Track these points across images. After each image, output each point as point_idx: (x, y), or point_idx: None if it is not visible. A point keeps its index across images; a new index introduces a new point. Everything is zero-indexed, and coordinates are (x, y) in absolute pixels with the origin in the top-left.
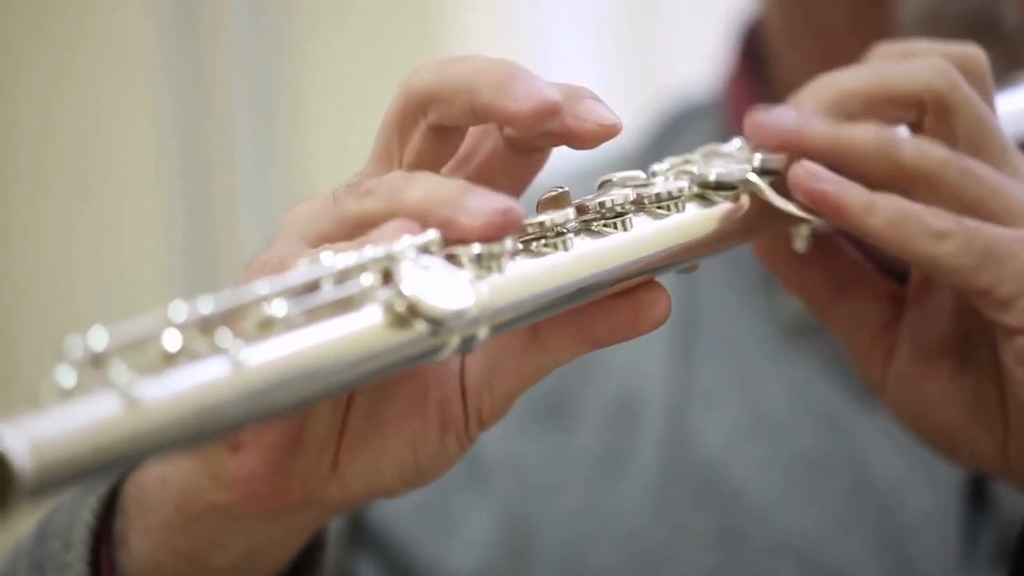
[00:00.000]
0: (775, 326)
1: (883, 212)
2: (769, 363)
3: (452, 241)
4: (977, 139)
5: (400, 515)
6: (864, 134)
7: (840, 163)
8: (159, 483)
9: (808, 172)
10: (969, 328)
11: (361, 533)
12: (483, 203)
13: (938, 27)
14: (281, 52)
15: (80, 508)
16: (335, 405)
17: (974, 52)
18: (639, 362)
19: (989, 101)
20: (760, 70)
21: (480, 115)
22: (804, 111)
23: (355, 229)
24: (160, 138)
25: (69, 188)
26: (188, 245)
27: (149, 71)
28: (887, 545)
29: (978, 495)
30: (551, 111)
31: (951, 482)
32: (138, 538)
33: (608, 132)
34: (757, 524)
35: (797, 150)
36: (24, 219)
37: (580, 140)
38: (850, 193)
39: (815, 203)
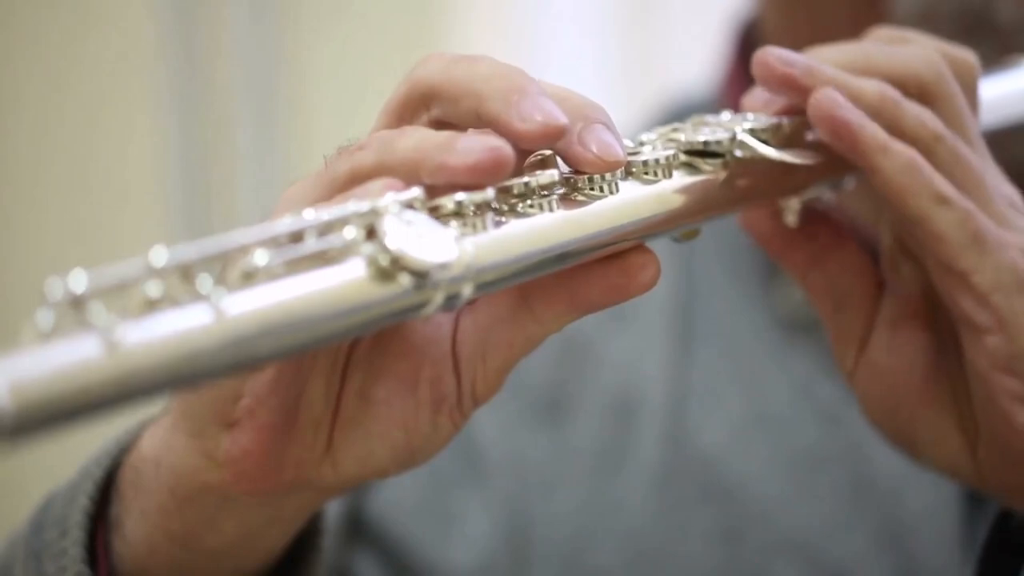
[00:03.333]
0: (774, 322)
1: (897, 157)
2: (769, 359)
3: (441, 190)
4: (953, 134)
5: (399, 511)
6: (871, 87)
7: None
8: (154, 466)
9: (832, 99)
10: (940, 329)
11: (360, 529)
12: (474, 143)
13: (933, 25)
14: (281, 52)
15: (76, 495)
16: (328, 386)
17: (968, 56)
18: (637, 357)
19: (973, 107)
20: None
21: (484, 123)
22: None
23: (346, 187)
24: (160, 138)
25: (69, 188)
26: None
27: (149, 71)
28: (888, 541)
29: (977, 492)
30: (557, 134)
31: (937, 474)
32: (133, 521)
33: (608, 166)
34: (758, 520)
35: (801, 92)
36: (25, 217)
37: (578, 165)
38: (870, 129)
39: (834, 131)
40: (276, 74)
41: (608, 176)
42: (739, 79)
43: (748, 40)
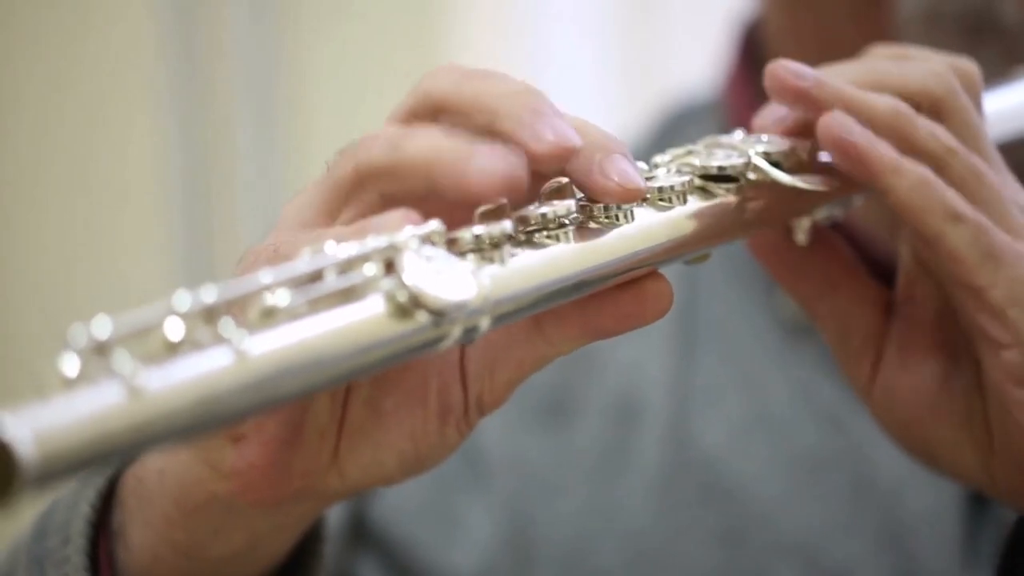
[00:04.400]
0: (775, 324)
1: (909, 175)
2: (770, 361)
3: (455, 224)
4: (968, 148)
5: (402, 515)
6: (883, 102)
7: None
8: (158, 475)
9: (840, 122)
10: (955, 342)
11: (363, 533)
12: (491, 163)
13: (937, 26)
14: (281, 52)
15: (78, 502)
16: (334, 396)
17: (968, 65)
18: (640, 360)
19: (980, 114)
20: (760, 70)
21: (498, 138)
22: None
23: (352, 191)
24: (160, 138)
25: (69, 188)
26: (188, 246)
27: (149, 71)
28: (889, 543)
29: (980, 494)
30: (568, 155)
31: (953, 481)
32: (137, 531)
33: (629, 196)
34: (759, 522)
35: (813, 105)
36: (25, 217)
37: (599, 195)
38: (880, 149)
39: (844, 153)
40: (276, 74)
41: (624, 204)
42: (742, 81)
43: (751, 41)
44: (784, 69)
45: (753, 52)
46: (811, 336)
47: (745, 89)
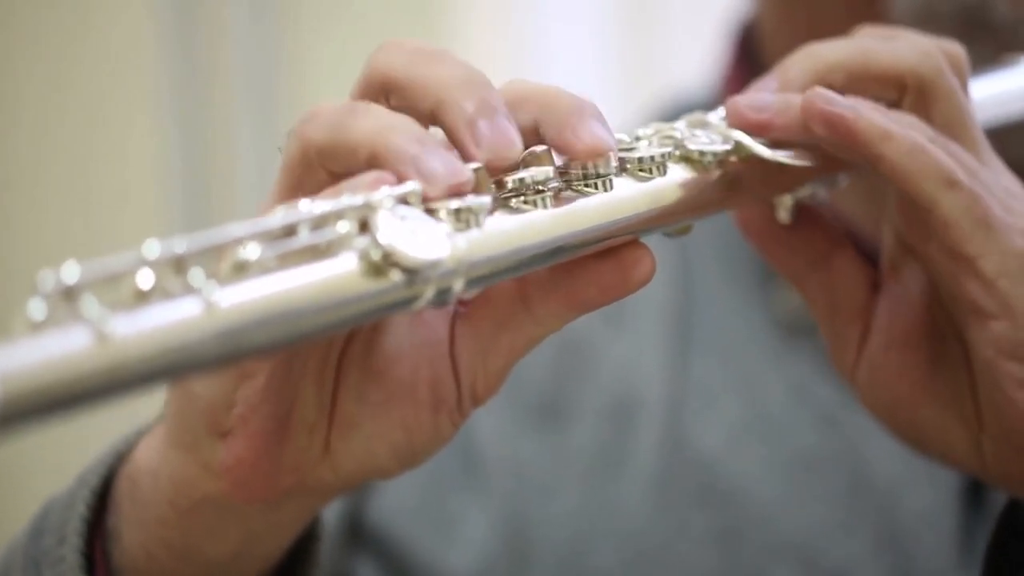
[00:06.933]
0: (772, 324)
1: (901, 141)
2: (767, 361)
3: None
4: (954, 129)
5: (398, 515)
6: (847, 103)
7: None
8: (151, 477)
9: (823, 96)
10: (941, 321)
11: (359, 533)
12: (441, 170)
13: (931, 24)
14: (281, 52)
15: (74, 502)
16: (322, 388)
17: (956, 47)
18: (635, 360)
19: (967, 97)
20: (755, 69)
21: (443, 130)
22: (786, 88)
23: (304, 170)
24: (160, 138)
25: (69, 188)
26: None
27: (149, 71)
28: (886, 543)
29: (976, 493)
30: (509, 162)
31: (949, 480)
32: (131, 532)
33: (599, 152)
34: (756, 523)
35: (784, 128)
36: (25, 217)
37: (570, 153)
38: (867, 117)
39: (830, 127)
40: (276, 74)
41: (603, 171)
42: (737, 80)
43: (746, 41)
44: (742, 106)
45: (748, 51)
46: (808, 336)
47: (740, 88)
